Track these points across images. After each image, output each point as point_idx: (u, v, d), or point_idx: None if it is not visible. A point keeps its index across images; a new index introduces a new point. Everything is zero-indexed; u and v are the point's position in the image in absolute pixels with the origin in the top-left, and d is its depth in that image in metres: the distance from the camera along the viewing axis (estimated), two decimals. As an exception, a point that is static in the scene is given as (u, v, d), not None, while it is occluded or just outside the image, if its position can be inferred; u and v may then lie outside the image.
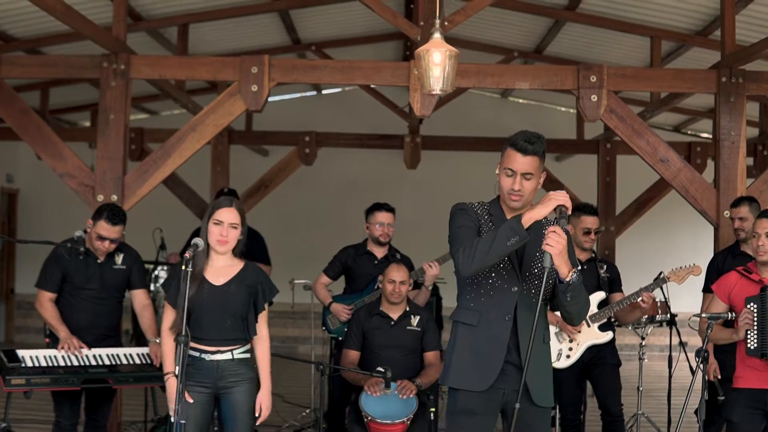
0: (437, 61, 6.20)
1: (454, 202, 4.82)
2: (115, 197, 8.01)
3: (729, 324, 6.09)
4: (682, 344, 7.94)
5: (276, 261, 10.63)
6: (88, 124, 15.17)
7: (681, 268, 7.40)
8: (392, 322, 7.16)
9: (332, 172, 15.62)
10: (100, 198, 7.95)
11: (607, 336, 7.43)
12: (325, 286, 8.31)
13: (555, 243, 4.37)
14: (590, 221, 7.46)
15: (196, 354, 5.52)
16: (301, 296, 9.68)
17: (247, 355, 5.66)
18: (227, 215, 5.59)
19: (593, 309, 7.38)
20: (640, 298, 7.28)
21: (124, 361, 6.73)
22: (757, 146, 12.61)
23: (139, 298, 7.08)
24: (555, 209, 4.44)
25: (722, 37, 8.24)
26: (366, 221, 8.25)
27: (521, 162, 4.62)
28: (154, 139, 11.97)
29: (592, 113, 8.03)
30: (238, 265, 5.70)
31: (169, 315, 5.64)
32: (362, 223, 8.29)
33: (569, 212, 4.46)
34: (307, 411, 9.80)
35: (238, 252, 5.71)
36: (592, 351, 7.40)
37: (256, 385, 5.68)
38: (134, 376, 6.64)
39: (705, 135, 15.89)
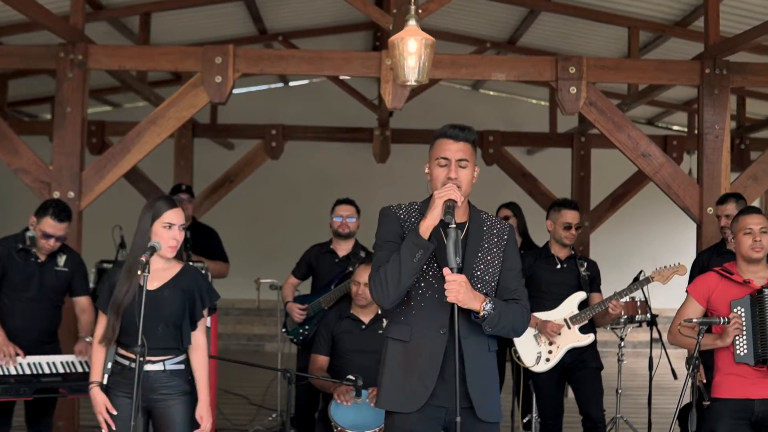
0: (412, 50, 5.84)
1: (426, 196, 4.50)
2: (72, 194, 7.68)
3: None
4: (662, 345, 7.66)
5: (241, 259, 10.36)
6: (49, 117, 14.74)
7: (665, 267, 7.12)
8: (363, 326, 6.81)
9: (299, 167, 15.34)
10: (57, 195, 7.60)
11: (589, 338, 7.13)
12: (294, 287, 8.00)
13: (455, 292, 4.19)
14: (571, 216, 7.17)
15: (125, 363, 5.13)
16: (267, 294, 9.38)
17: (181, 367, 5.26)
18: (176, 217, 5.20)
19: (573, 310, 7.09)
20: (609, 305, 7.01)
21: (80, 369, 6.35)
22: (735, 140, 12.34)
23: (80, 304, 6.75)
24: (443, 206, 4.24)
25: (706, 28, 7.96)
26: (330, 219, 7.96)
27: (454, 148, 4.38)
28: (116, 132, 11.55)
29: (571, 106, 7.75)
30: (174, 268, 5.31)
31: (101, 323, 5.25)
32: (330, 218, 8.01)
33: (459, 203, 4.26)
34: (274, 415, 9.45)
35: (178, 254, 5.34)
36: (573, 354, 7.10)
37: (192, 399, 5.28)
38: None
39: (677, 128, 15.68)
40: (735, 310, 5.53)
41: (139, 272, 4.87)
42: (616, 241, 15.10)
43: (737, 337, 5.50)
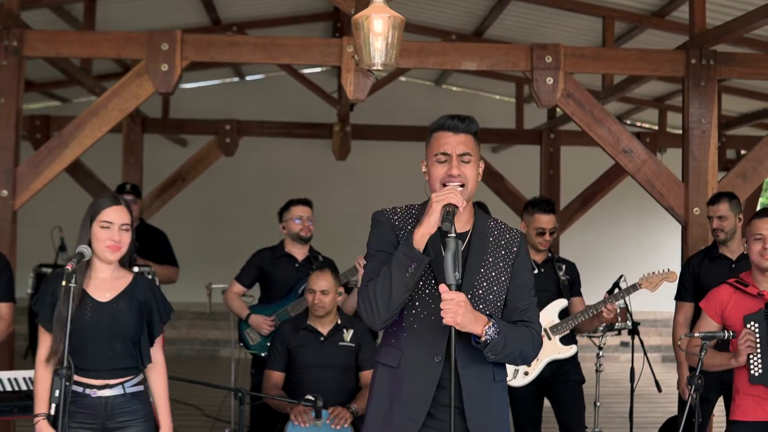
0: (379, 29, 5.20)
1: (388, 196, 3.92)
2: (5, 192, 7.07)
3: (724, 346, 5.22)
4: (645, 355, 7.19)
5: (193, 261, 9.97)
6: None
7: (654, 273, 6.61)
8: (321, 338, 6.21)
9: (255, 164, 14.77)
10: (-12, 193, 6.97)
11: (571, 350, 6.60)
12: (239, 295, 7.41)
13: (453, 313, 3.59)
14: (545, 220, 6.62)
15: (79, 389, 4.51)
16: (220, 299, 8.83)
17: (141, 388, 4.70)
18: (117, 215, 4.61)
19: (554, 319, 6.54)
20: (603, 309, 6.46)
21: (8, 387, 5.70)
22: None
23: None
24: (442, 211, 3.65)
25: (691, 15, 7.46)
26: (280, 221, 7.44)
27: (454, 141, 3.83)
28: (61, 127, 10.86)
29: (548, 98, 7.21)
30: (126, 277, 4.73)
31: (44, 342, 4.60)
32: (288, 219, 7.47)
33: (460, 209, 3.67)
34: (227, 431, 8.83)
35: (126, 260, 4.75)
36: (553, 366, 6.55)
37: (154, 424, 4.71)
38: (19, 405, 5.58)
39: (647, 125, 15.28)
40: (748, 325, 4.96)
41: (63, 282, 4.25)
42: (585, 240, 14.62)
43: (751, 356, 4.94)
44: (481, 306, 3.78)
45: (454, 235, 3.56)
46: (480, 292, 3.82)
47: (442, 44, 8.53)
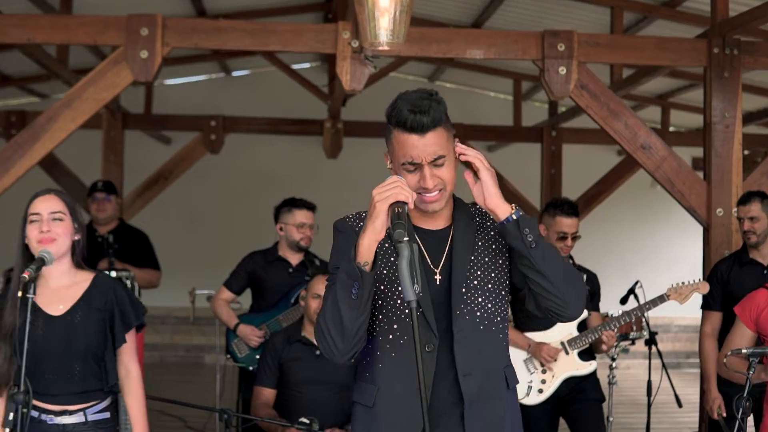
0: (385, 4, 4.66)
1: None
2: (-27, 191, 6.51)
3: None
4: (664, 367, 6.67)
5: (176, 265, 9.65)
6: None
7: (683, 284, 6.06)
8: (317, 351, 5.57)
9: (242, 162, 14.32)
10: (-47, 190, 6.45)
11: (590, 366, 6.06)
12: (228, 303, 6.86)
13: (477, 159, 3.18)
14: (568, 224, 6.05)
15: (34, 414, 3.93)
16: (204, 303, 8.36)
17: (106, 415, 4.11)
18: (43, 204, 4.03)
19: (572, 332, 5.99)
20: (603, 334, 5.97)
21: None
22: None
23: None
24: (390, 211, 2.99)
25: (713, 2, 6.95)
26: (278, 221, 6.88)
27: (422, 145, 3.11)
28: (38, 123, 10.48)
29: (560, 89, 6.68)
30: (83, 281, 4.13)
31: None
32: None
33: (410, 205, 3.00)
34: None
35: (78, 260, 4.14)
36: (570, 384, 5.99)
37: None
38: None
39: (649, 124, 14.77)
40: None
41: (19, 294, 3.68)
42: (585, 244, 14.15)
43: None
44: (480, 299, 3.19)
45: (405, 239, 2.87)
46: (475, 282, 3.21)
47: (446, 30, 8.02)
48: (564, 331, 5.99)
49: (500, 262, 3.27)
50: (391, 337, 3.17)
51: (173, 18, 6.80)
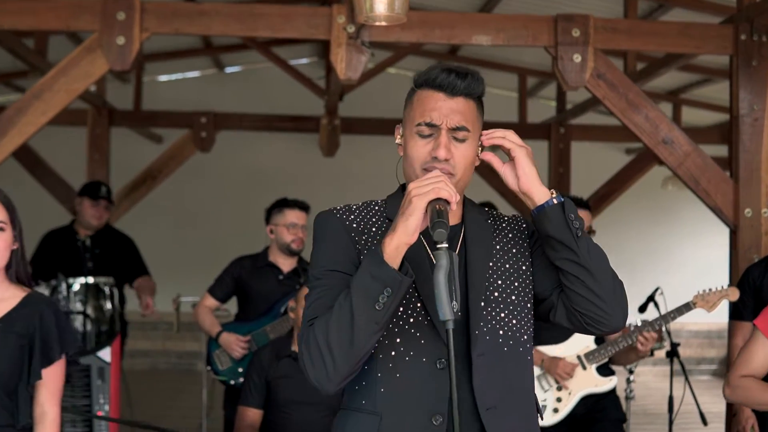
0: (383, -27, 4.12)
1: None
2: (-59, 190, 5.94)
3: None
4: (687, 381, 6.12)
5: (164, 269, 9.35)
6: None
7: (710, 291, 5.53)
8: (310, 368, 5.08)
9: (234, 161, 14.02)
10: None
11: (610, 383, 5.54)
12: (212, 310, 6.36)
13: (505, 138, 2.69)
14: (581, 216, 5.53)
15: None
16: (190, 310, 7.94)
17: None
18: None
19: (589, 345, 5.47)
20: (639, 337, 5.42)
21: None
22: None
23: None
24: (427, 210, 2.44)
25: (740, -17, 6.41)
26: (269, 222, 6.40)
27: (447, 108, 2.61)
28: (15, 119, 10.00)
29: (575, 78, 6.13)
30: (11, 299, 3.54)
31: None
32: (270, 222, 6.51)
33: (452, 206, 2.47)
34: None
35: (13, 272, 3.56)
36: (588, 402, 5.47)
37: None
38: None
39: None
40: None
41: None
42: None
43: None
44: (503, 314, 2.65)
45: (445, 245, 2.37)
46: (496, 294, 2.67)
47: (450, 14, 7.46)
48: (580, 343, 5.48)
49: (523, 269, 2.74)
50: (393, 353, 2.60)
51: (152, 2, 6.27)
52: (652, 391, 11.25)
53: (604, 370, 5.58)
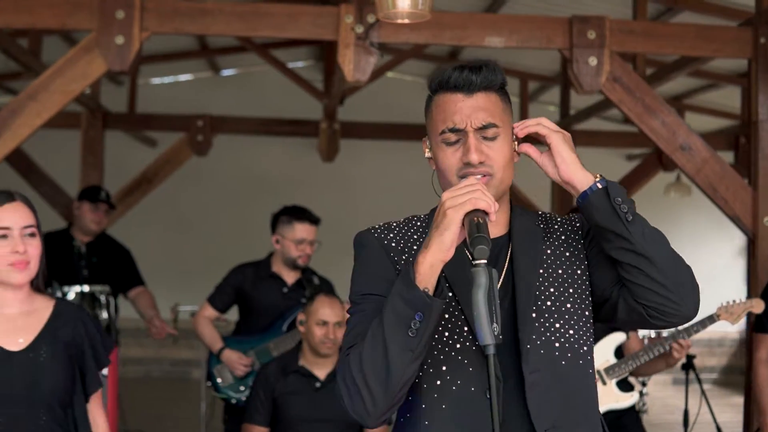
0: (404, -33, 3.91)
1: (381, 203, 2.60)
2: (-75, 194, 5.71)
3: None
4: (703, 393, 6.08)
5: (160, 277, 9.08)
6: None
7: (735, 303, 5.34)
8: (318, 384, 4.88)
9: (231, 166, 13.82)
10: None
11: (631, 398, 5.37)
12: (212, 320, 6.10)
13: (540, 125, 2.47)
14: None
15: None
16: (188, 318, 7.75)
17: None
18: (14, 216, 3.25)
19: (610, 359, 5.26)
20: (674, 345, 5.21)
21: None
22: (740, 138, 10.63)
23: None
24: (464, 223, 2.22)
25: (759, -15, 6.25)
26: (274, 231, 6.08)
27: (468, 108, 2.41)
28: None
29: (591, 82, 5.94)
30: (44, 309, 3.33)
31: None
32: (268, 228, 6.23)
33: (492, 217, 2.22)
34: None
35: (38, 281, 3.35)
36: (608, 419, 5.20)
37: None
38: None
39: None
40: None
41: None
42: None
43: None
44: (557, 325, 2.43)
45: (484, 262, 2.16)
46: (549, 303, 2.46)
47: (461, 15, 7.26)
48: (600, 358, 5.29)
49: (578, 272, 2.51)
50: (438, 383, 2.39)
51: (152, 0, 6.06)
52: (656, 400, 11.06)
53: (624, 385, 5.40)
